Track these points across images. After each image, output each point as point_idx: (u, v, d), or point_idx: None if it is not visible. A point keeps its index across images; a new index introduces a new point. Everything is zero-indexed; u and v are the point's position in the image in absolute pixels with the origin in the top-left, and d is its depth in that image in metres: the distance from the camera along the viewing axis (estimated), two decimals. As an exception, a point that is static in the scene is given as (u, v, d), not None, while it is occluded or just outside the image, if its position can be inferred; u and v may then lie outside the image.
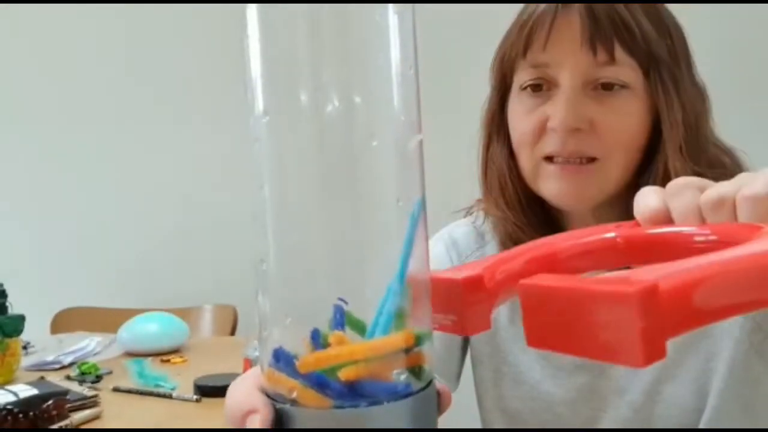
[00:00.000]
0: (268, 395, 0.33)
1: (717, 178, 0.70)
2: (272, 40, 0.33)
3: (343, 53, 0.32)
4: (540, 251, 0.41)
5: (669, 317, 0.26)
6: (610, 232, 0.44)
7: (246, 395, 0.33)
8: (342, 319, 0.32)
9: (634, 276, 0.27)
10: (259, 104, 0.33)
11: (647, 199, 0.45)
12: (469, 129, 0.82)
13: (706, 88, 0.74)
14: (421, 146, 0.33)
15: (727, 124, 0.75)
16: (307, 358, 0.32)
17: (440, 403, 0.34)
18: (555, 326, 0.29)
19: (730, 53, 1.63)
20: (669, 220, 0.43)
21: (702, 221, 0.43)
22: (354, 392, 0.31)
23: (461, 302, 0.35)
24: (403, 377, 0.32)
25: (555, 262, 0.40)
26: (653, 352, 0.25)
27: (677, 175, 0.69)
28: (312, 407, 0.31)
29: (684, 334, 0.27)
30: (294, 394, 0.32)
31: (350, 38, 0.32)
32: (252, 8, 0.32)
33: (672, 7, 0.73)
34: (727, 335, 0.71)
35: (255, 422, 0.32)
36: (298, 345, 0.32)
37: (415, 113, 0.33)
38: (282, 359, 0.32)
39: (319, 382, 0.31)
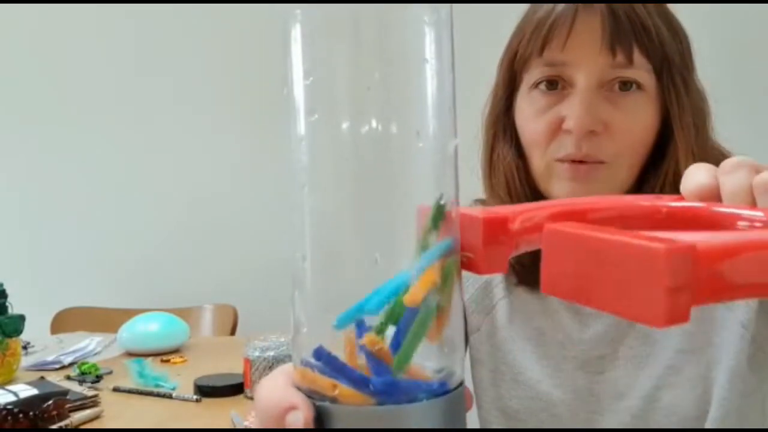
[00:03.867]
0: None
1: None
2: (314, 44, 0.33)
3: (387, 54, 0.33)
4: (571, 207, 0.39)
5: (698, 282, 0.25)
6: (651, 201, 0.41)
7: (282, 392, 0.33)
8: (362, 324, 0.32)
9: (669, 236, 0.26)
10: (303, 103, 0.33)
11: (697, 174, 0.42)
12: (466, 129, 0.81)
13: (705, 90, 0.74)
14: (457, 149, 0.34)
15: (722, 126, 0.75)
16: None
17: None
18: (574, 275, 0.28)
19: (716, 53, 1.63)
20: (717, 198, 0.41)
21: (752, 203, 0.40)
22: (393, 390, 0.31)
23: (482, 240, 0.34)
24: (439, 376, 0.33)
25: (584, 220, 0.37)
26: (676, 314, 0.25)
27: None
28: (353, 405, 0.32)
29: (709, 304, 0.26)
30: (336, 392, 0.32)
31: (392, 42, 0.33)
32: (297, 8, 0.32)
33: (670, 7, 0.73)
34: (728, 344, 0.70)
35: (297, 419, 0.32)
36: (336, 344, 0.33)
37: (452, 116, 0.34)
38: (323, 358, 0.32)
39: (360, 380, 0.31)
